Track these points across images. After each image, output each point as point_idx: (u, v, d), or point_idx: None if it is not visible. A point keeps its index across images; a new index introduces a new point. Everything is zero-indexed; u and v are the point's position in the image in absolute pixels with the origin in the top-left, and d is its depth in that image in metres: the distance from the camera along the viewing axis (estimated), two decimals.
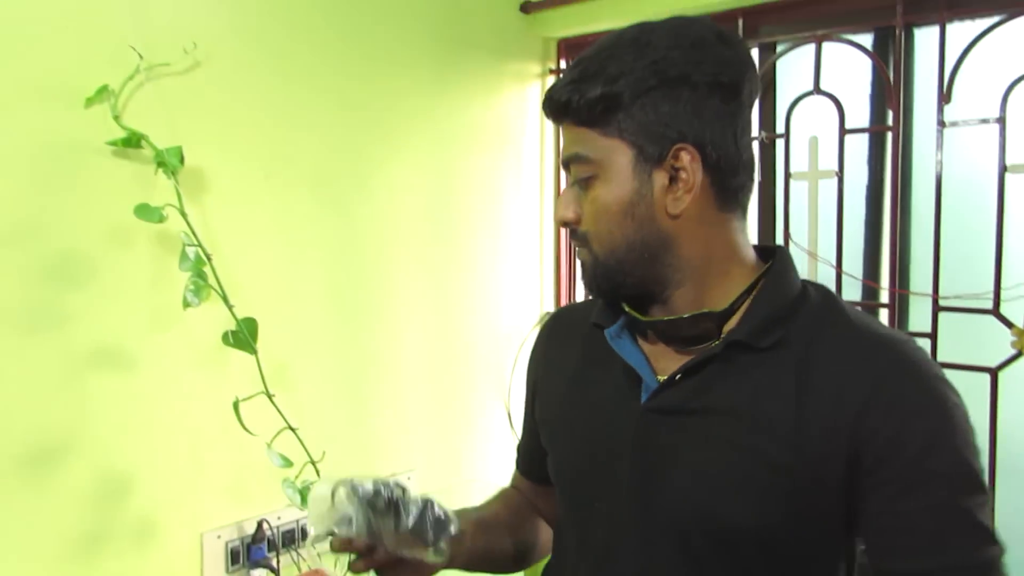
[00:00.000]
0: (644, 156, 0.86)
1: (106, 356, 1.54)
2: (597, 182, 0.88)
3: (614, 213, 0.88)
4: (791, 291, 0.91)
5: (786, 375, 0.85)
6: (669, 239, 0.88)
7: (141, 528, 1.59)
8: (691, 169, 0.86)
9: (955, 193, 2.00)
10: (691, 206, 0.87)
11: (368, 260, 2.03)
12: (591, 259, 0.91)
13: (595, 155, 0.88)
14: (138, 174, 1.56)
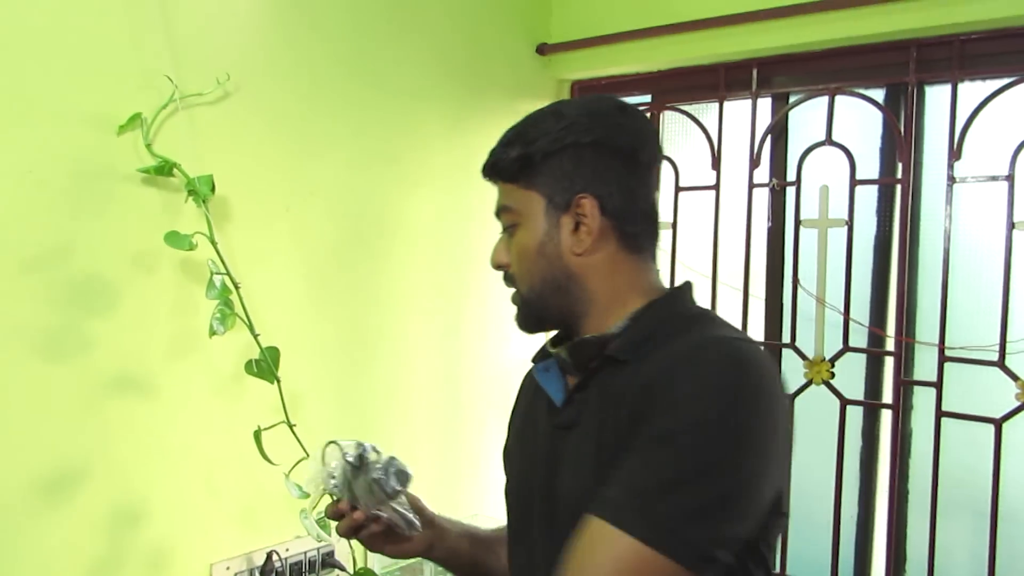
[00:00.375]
0: (553, 204, 1.01)
1: (127, 382, 1.54)
2: (519, 229, 1.03)
3: (531, 253, 1.02)
4: (665, 314, 1.02)
5: (632, 379, 0.94)
6: (575, 274, 1.02)
7: (153, 556, 1.58)
8: (591, 215, 1.00)
9: (962, 246, 2.04)
10: (594, 247, 1.01)
11: (383, 292, 2.04)
12: (519, 297, 1.06)
13: (516, 205, 1.03)
14: (167, 202, 1.57)
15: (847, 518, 2.22)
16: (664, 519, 0.84)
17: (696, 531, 0.84)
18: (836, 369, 2.16)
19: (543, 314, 1.06)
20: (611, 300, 1.02)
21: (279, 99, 1.79)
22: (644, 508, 0.84)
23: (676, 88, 2.45)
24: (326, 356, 1.91)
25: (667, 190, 2.46)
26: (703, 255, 2.40)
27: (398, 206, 2.08)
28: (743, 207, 2.31)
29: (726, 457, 0.85)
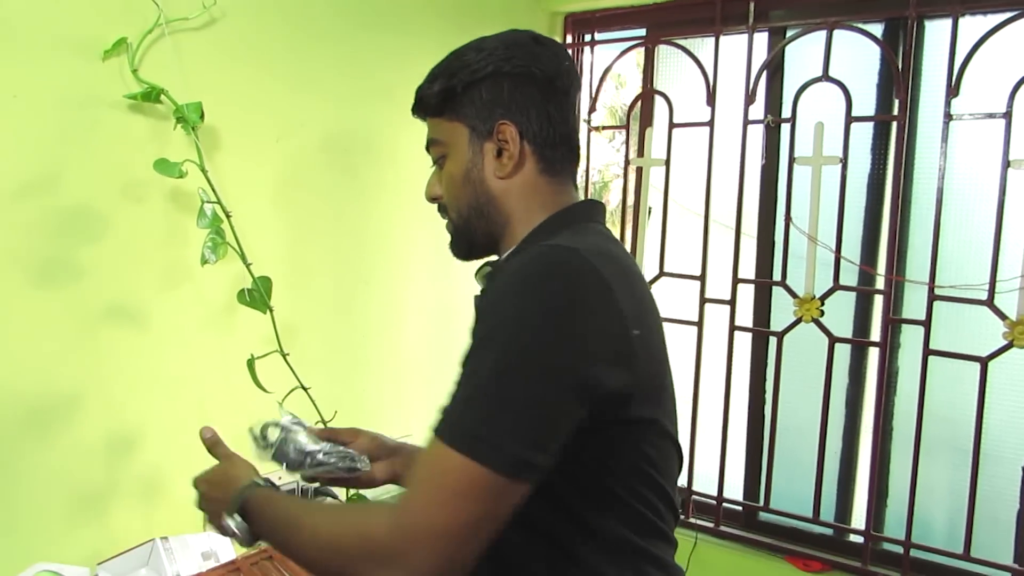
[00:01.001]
0: (477, 133, 1.06)
1: (119, 312, 1.53)
2: (447, 160, 1.09)
3: (457, 180, 1.07)
4: (544, 229, 1.05)
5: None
6: (495, 197, 1.07)
7: (147, 484, 1.60)
8: (512, 141, 1.04)
9: (957, 185, 2.03)
10: (514, 171, 1.06)
11: (375, 225, 2.03)
12: (451, 226, 1.11)
13: (442, 137, 1.09)
14: (155, 129, 1.55)
15: (831, 454, 2.25)
16: (472, 427, 0.85)
17: (506, 436, 0.84)
18: (826, 307, 2.18)
19: (472, 239, 1.10)
20: (524, 221, 1.07)
21: (268, 27, 1.75)
22: (455, 417, 0.87)
23: (671, 22, 2.41)
24: (318, 288, 1.90)
25: (661, 126, 2.44)
26: (696, 193, 2.40)
27: (390, 140, 2.06)
28: (737, 144, 2.30)
29: (517, 360, 0.86)
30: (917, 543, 2.08)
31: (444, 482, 0.84)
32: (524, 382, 0.85)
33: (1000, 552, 2.02)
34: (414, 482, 0.87)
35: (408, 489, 0.87)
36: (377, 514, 0.87)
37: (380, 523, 0.86)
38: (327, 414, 1.67)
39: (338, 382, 1.93)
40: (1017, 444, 2.00)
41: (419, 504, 0.85)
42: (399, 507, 0.85)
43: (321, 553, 0.91)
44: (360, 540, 0.87)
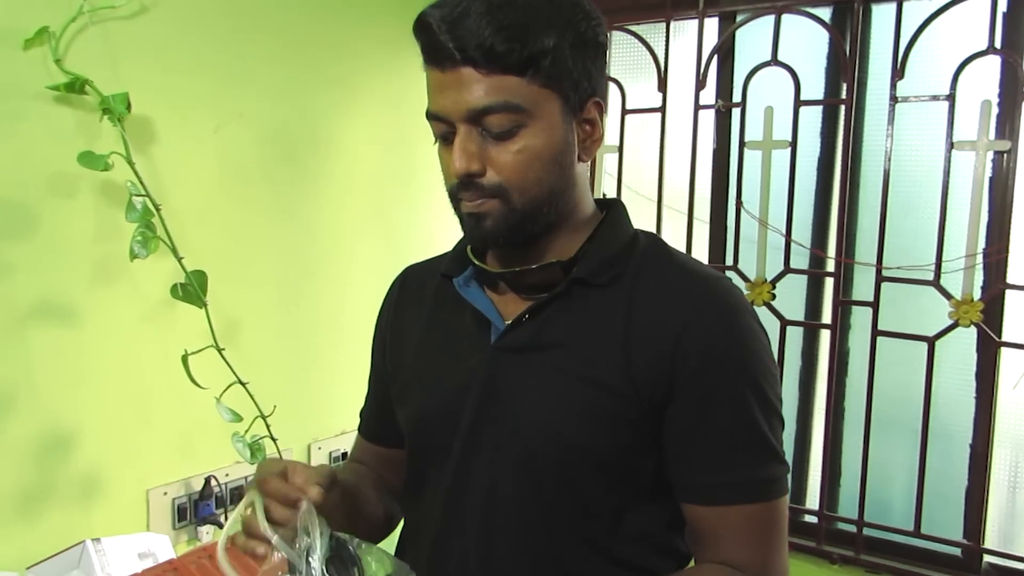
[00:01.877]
0: (569, 106, 0.89)
1: (49, 309, 1.50)
2: (524, 131, 0.87)
3: (546, 161, 0.89)
4: (625, 235, 0.97)
5: (618, 308, 0.92)
6: (575, 185, 0.94)
7: (87, 484, 1.56)
8: (598, 120, 0.93)
9: (903, 167, 2.04)
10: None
11: (321, 217, 2.00)
12: (504, 210, 0.89)
13: (526, 103, 0.86)
14: (82, 121, 1.50)
15: (785, 437, 2.26)
16: (779, 471, 0.91)
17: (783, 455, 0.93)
18: (777, 291, 2.18)
19: (531, 227, 0.91)
20: (579, 215, 0.97)
21: (203, 15, 1.71)
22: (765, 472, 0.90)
23: (622, 7, 2.39)
24: (261, 281, 1.87)
25: (614, 113, 2.42)
26: (649, 178, 2.39)
27: (336, 130, 2.02)
28: (688, 129, 2.29)
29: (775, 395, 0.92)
30: (870, 522, 2.10)
31: (781, 529, 0.92)
32: (777, 405, 0.92)
33: (950, 528, 2.05)
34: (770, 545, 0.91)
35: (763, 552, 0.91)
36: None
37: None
38: (267, 408, 1.65)
39: (282, 377, 1.90)
40: (964, 422, 2.02)
41: (780, 562, 0.92)
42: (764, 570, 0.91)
43: None
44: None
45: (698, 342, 0.88)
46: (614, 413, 0.89)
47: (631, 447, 0.90)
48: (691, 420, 0.89)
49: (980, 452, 2.00)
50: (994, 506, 2.03)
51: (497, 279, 0.98)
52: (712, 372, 0.88)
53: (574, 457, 0.90)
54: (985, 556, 2.02)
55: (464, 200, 0.90)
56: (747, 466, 0.89)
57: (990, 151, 1.89)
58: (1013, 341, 1.92)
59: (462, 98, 0.86)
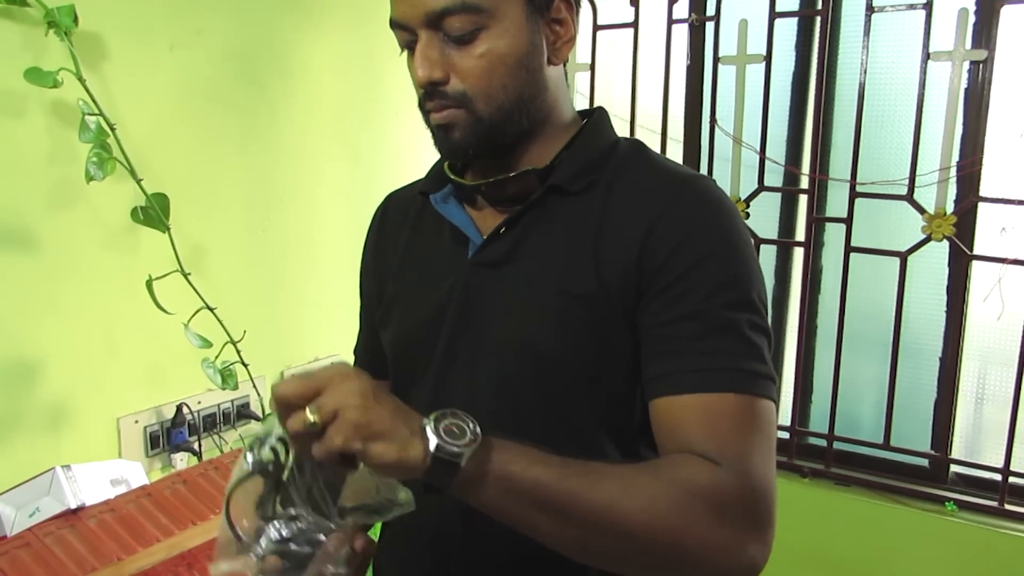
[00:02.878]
0: (534, 5, 0.86)
1: (5, 234, 1.44)
2: (486, 34, 0.84)
3: (510, 65, 0.85)
4: (604, 142, 0.93)
5: (592, 213, 0.89)
6: (547, 89, 0.90)
7: (54, 414, 1.54)
8: (569, 20, 0.89)
9: (878, 80, 2.02)
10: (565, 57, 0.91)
11: (286, 140, 1.94)
12: (469, 119, 0.87)
13: (486, 4, 0.83)
14: (27, 36, 1.43)
15: None
16: (761, 368, 0.81)
17: (771, 366, 0.83)
18: (751, 209, 2.17)
19: (500, 138, 0.88)
20: (556, 122, 0.93)
21: None
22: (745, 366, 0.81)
23: None
24: (227, 205, 1.82)
25: (585, 29, 2.36)
26: (621, 97, 2.34)
27: (299, 49, 1.95)
28: (661, 45, 2.24)
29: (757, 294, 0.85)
30: (840, 435, 2.14)
31: (770, 433, 0.81)
32: (762, 312, 0.85)
33: (919, 440, 2.09)
34: (743, 441, 0.78)
35: (736, 447, 0.77)
36: (713, 471, 0.76)
37: (729, 482, 0.75)
38: (237, 335, 1.62)
39: (252, 302, 1.87)
40: (934, 336, 2.04)
41: (764, 467, 0.78)
42: (745, 469, 0.76)
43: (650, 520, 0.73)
44: (713, 504, 0.74)
45: (669, 235, 0.84)
46: (589, 323, 0.86)
47: (607, 358, 0.87)
48: (659, 314, 0.84)
49: (949, 365, 2.03)
50: (961, 418, 2.07)
51: (474, 193, 0.96)
52: (682, 264, 0.83)
53: (549, 371, 0.88)
54: (952, 466, 2.07)
55: (431, 111, 0.88)
56: (721, 354, 0.81)
57: (966, 61, 1.86)
58: (984, 254, 1.93)
59: (420, 2, 0.83)
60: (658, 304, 0.84)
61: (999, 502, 1.96)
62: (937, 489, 2.06)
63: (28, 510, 1.31)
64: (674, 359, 0.82)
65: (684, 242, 0.83)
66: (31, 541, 1.26)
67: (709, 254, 0.83)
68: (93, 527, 1.32)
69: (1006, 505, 1.95)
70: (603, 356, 0.87)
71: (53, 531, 1.28)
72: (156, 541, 1.32)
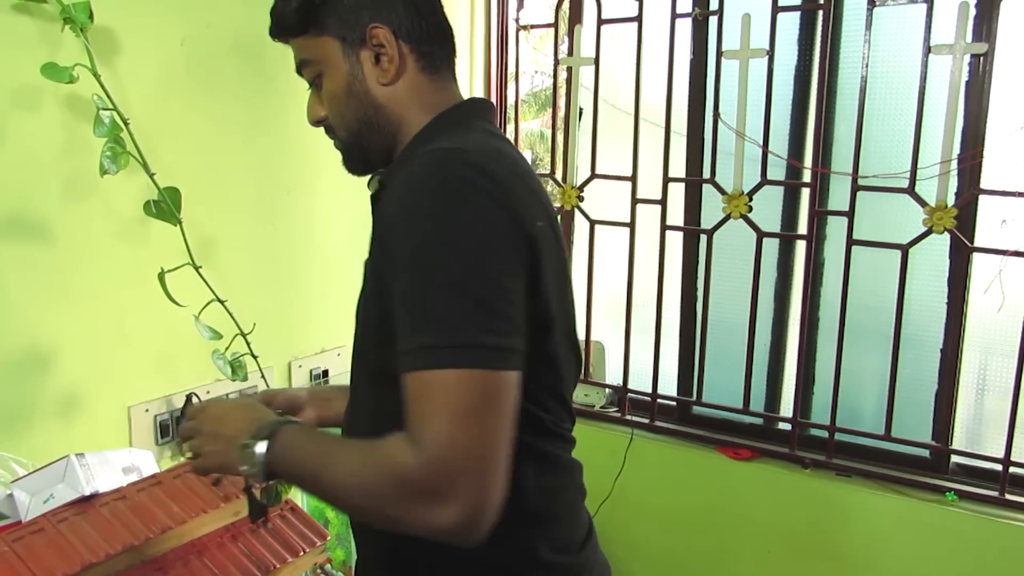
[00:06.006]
0: (348, 43, 1.01)
1: (19, 225, 1.47)
2: (324, 79, 1.04)
3: (340, 96, 1.03)
4: (429, 130, 1.03)
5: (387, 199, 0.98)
6: (383, 106, 1.04)
7: (66, 402, 1.56)
8: (388, 43, 1.01)
9: (880, 74, 2.03)
10: (398, 74, 1.03)
11: (294, 132, 1.96)
12: (340, 145, 1.08)
13: (314, 56, 1.03)
14: (44, 32, 1.45)
15: (760, 347, 2.30)
16: (445, 340, 0.83)
17: (479, 335, 0.83)
18: (754, 203, 2.19)
19: (366, 154, 1.07)
20: (414, 125, 1.04)
21: None
22: (422, 342, 0.84)
23: None
24: (236, 198, 1.85)
25: (590, 23, 2.38)
26: (625, 91, 2.36)
27: None
28: (665, 39, 2.25)
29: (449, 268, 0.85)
30: (841, 427, 2.16)
31: (452, 402, 0.82)
32: (464, 284, 0.84)
33: (920, 431, 2.11)
34: (422, 415, 0.83)
35: (418, 423, 0.83)
36: (400, 451, 0.83)
37: (408, 462, 0.82)
38: (246, 326, 1.65)
39: (261, 295, 1.89)
40: (935, 327, 2.06)
41: (441, 434, 0.81)
42: (420, 441, 0.82)
43: (357, 498, 0.88)
44: (394, 482, 0.83)
45: (382, 216, 0.94)
46: (372, 293, 0.98)
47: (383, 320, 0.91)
48: (380, 294, 0.92)
49: (950, 356, 2.05)
50: (962, 408, 2.09)
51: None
52: (381, 247, 0.92)
53: (359, 334, 1.04)
54: (953, 456, 2.09)
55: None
56: (407, 335, 0.85)
57: (967, 54, 1.88)
58: (985, 246, 1.95)
59: (294, 58, 1.08)
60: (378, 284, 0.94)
61: (1000, 492, 1.98)
62: (938, 479, 2.08)
63: (43, 496, 1.34)
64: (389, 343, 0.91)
65: (387, 218, 0.91)
66: (45, 527, 1.29)
67: (390, 233, 0.90)
68: (106, 514, 1.34)
69: (1007, 495, 1.97)
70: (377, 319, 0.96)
71: (67, 517, 1.31)
72: (167, 528, 1.34)
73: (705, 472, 2.31)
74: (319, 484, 0.91)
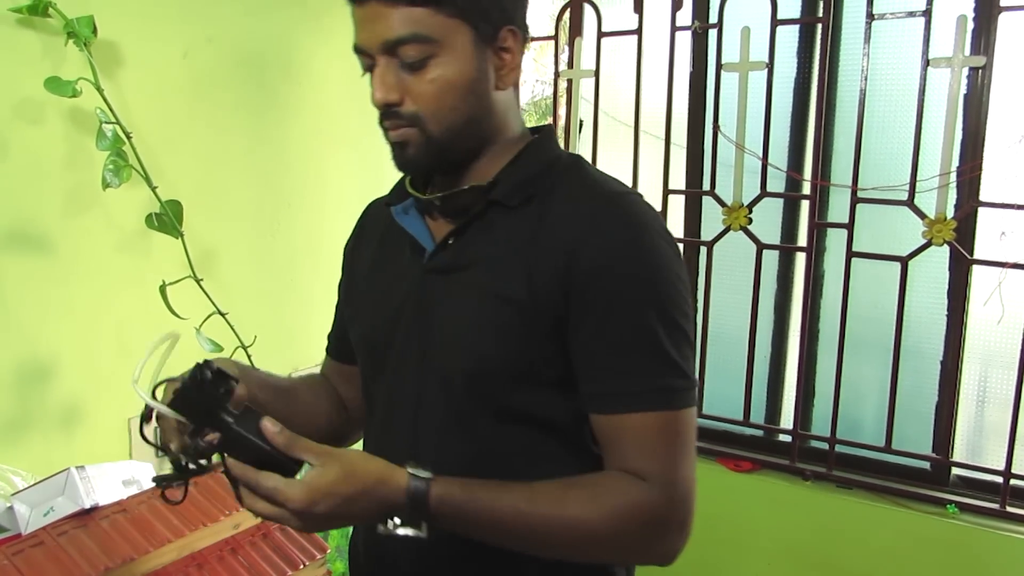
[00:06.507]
0: (481, 35, 0.92)
1: (21, 238, 1.48)
2: (435, 62, 0.91)
3: (456, 89, 0.93)
4: (544, 158, 1.00)
5: (528, 226, 0.95)
6: (495, 113, 0.98)
7: (67, 414, 1.57)
8: (515, 49, 0.96)
9: (879, 86, 2.04)
10: (512, 83, 0.98)
11: (295, 144, 1.98)
12: (421, 138, 0.95)
13: (433, 34, 0.90)
14: (47, 45, 1.46)
15: (761, 359, 2.30)
16: (680, 381, 0.91)
17: (691, 375, 0.93)
18: (753, 215, 2.19)
19: (450, 156, 0.97)
20: (502, 141, 1.00)
21: None
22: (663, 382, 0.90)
23: None
24: (237, 211, 1.85)
25: (590, 36, 2.39)
26: (625, 103, 2.37)
27: (307, 55, 1.98)
28: (665, 52, 2.26)
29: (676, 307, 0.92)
30: (842, 439, 2.16)
31: (690, 439, 0.92)
32: (684, 325, 0.92)
33: (920, 443, 2.11)
34: (668, 454, 0.90)
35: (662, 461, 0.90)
36: (640, 491, 0.89)
37: (655, 500, 0.89)
38: (247, 339, 1.65)
39: (262, 306, 1.90)
40: (935, 339, 2.06)
41: (685, 472, 0.91)
42: (669, 480, 0.90)
43: (581, 540, 0.90)
44: (642, 521, 0.89)
45: (594, 254, 0.91)
46: (522, 327, 0.93)
47: (540, 359, 0.94)
48: (587, 333, 0.92)
49: (950, 368, 2.05)
50: (963, 420, 2.08)
51: (429, 205, 1.03)
52: (606, 284, 0.90)
53: (487, 371, 0.95)
54: (953, 469, 2.09)
55: (388, 129, 0.96)
56: (645, 375, 0.90)
57: (965, 67, 1.89)
58: (984, 258, 1.95)
59: (377, 31, 0.91)
60: (584, 322, 0.92)
61: (1000, 504, 1.97)
62: (939, 492, 2.07)
63: (43, 509, 1.34)
64: (602, 379, 0.92)
65: (606, 262, 0.90)
66: (45, 540, 1.29)
67: (629, 275, 0.90)
68: (106, 527, 1.34)
69: (1007, 507, 1.96)
70: (531, 358, 0.94)
71: (67, 530, 1.31)
72: (167, 542, 1.34)
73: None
74: (511, 533, 0.89)
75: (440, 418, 0.99)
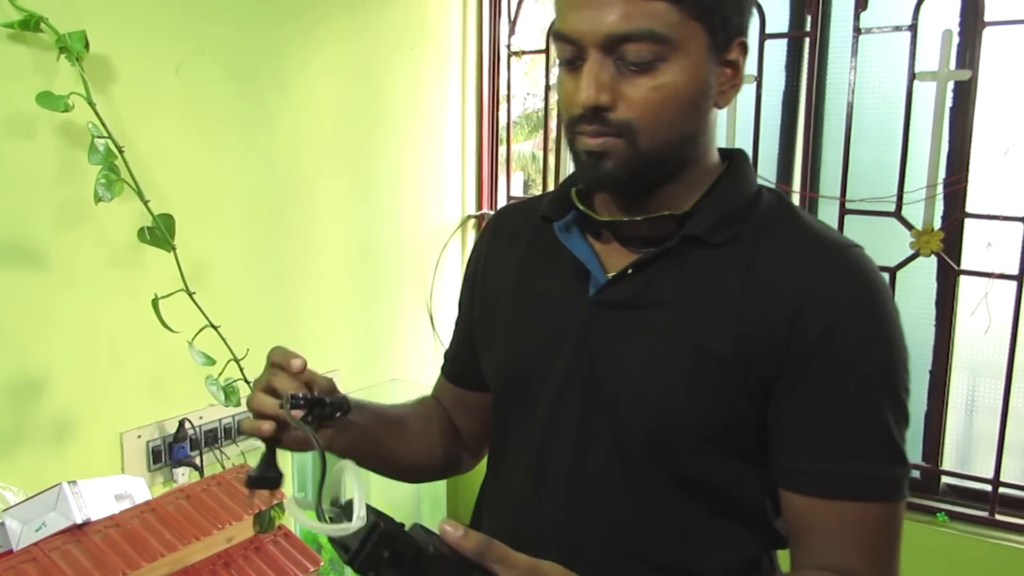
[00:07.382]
0: (715, 44, 0.79)
1: (13, 252, 1.48)
2: (665, 66, 0.77)
3: (683, 103, 0.79)
4: (747, 191, 0.87)
5: (734, 269, 0.83)
6: (706, 131, 0.85)
7: (59, 428, 1.56)
8: (740, 63, 0.83)
9: (866, 99, 2.06)
10: (728, 102, 0.85)
11: (287, 158, 1.98)
12: (627, 151, 0.80)
13: (671, 34, 0.76)
14: (39, 61, 1.47)
15: None
16: (899, 471, 0.82)
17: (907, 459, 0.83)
18: None
19: (650, 175, 0.83)
20: (702, 166, 0.87)
21: None
22: (885, 472, 0.81)
23: None
24: (230, 224, 1.86)
25: None
26: None
27: (299, 66, 1.99)
28: None
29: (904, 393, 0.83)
30: None
31: (899, 537, 0.83)
32: (907, 404, 0.83)
33: (910, 452, 2.08)
34: (884, 548, 0.82)
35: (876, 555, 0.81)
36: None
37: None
38: (239, 352, 1.65)
39: (254, 320, 1.90)
40: (924, 349, 2.08)
41: (896, 564, 0.82)
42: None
43: None
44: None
45: (822, 316, 0.79)
46: (722, 387, 0.82)
47: (737, 422, 0.83)
48: (805, 401, 0.80)
49: (939, 378, 2.06)
50: (952, 429, 2.10)
51: (602, 227, 0.90)
52: (835, 352, 0.79)
53: (674, 430, 0.83)
54: (943, 477, 2.10)
55: (585, 136, 0.81)
56: (863, 459, 0.79)
57: (951, 81, 1.91)
58: (971, 269, 1.97)
59: (601, 20, 0.76)
60: (802, 389, 0.81)
61: (990, 512, 1.99)
62: (928, 500, 2.08)
63: (35, 525, 1.33)
64: (815, 455, 0.81)
65: (837, 326, 0.79)
66: (37, 556, 1.28)
67: (861, 344, 0.79)
68: (98, 542, 1.33)
69: (996, 515, 1.98)
70: (728, 422, 0.83)
71: (59, 546, 1.30)
72: (160, 556, 1.34)
73: None
74: None
75: (609, 480, 0.86)
